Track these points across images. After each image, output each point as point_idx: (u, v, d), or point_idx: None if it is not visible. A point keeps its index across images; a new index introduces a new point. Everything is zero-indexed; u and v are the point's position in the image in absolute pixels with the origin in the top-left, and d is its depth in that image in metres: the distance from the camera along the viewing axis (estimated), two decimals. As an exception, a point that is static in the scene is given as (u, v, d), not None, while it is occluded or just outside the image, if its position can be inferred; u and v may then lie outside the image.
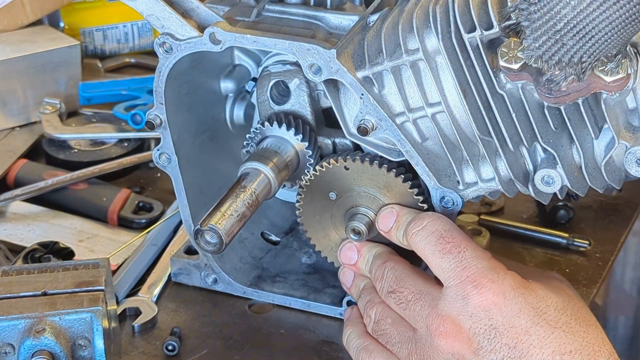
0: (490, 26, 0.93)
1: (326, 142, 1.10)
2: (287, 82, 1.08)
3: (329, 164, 1.06)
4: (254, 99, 1.13)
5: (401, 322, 0.97)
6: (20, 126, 1.46)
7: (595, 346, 0.92)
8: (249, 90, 1.13)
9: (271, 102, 1.09)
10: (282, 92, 1.10)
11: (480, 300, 0.92)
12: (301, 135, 1.07)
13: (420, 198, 1.04)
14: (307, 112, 1.09)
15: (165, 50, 1.03)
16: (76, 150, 1.40)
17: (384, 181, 1.05)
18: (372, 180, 1.05)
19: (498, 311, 0.92)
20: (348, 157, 1.05)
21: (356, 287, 1.06)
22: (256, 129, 1.09)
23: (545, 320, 0.92)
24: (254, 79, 1.13)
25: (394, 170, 1.04)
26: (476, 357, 0.92)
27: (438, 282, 0.96)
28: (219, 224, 0.98)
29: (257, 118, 1.14)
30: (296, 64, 1.07)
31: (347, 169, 1.05)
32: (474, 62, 0.95)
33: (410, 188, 1.04)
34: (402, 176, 1.04)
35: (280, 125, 1.07)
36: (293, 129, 1.07)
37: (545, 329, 0.91)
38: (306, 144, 1.07)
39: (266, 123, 1.08)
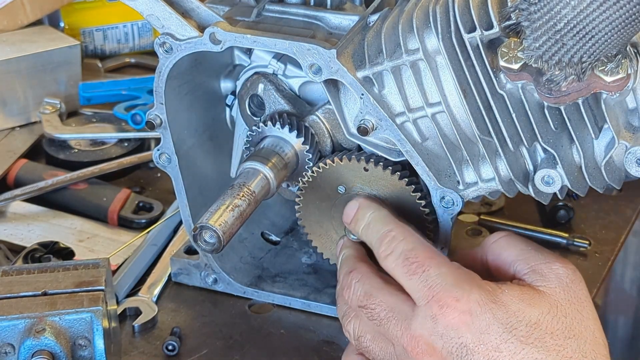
0: (490, 26, 0.93)
1: (313, 119, 1.09)
2: (257, 92, 1.08)
3: (327, 164, 1.06)
4: (234, 112, 1.13)
5: (380, 338, 0.96)
6: (20, 126, 1.46)
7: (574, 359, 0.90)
8: (229, 103, 1.14)
9: (254, 117, 1.10)
10: (257, 104, 1.10)
11: (447, 320, 0.90)
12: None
13: (418, 194, 1.04)
14: (283, 105, 1.08)
15: (165, 50, 1.03)
16: (76, 150, 1.40)
17: (384, 180, 1.05)
18: (372, 179, 1.05)
19: (467, 329, 0.90)
20: (353, 156, 1.05)
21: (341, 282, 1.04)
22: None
23: (516, 336, 0.89)
24: (233, 93, 1.13)
25: (390, 167, 1.04)
26: None
27: (408, 295, 0.94)
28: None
29: (240, 128, 1.14)
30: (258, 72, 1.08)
31: (367, 170, 1.05)
32: (474, 62, 0.95)
33: (407, 185, 1.04)
34: (399, 173, 1.04)
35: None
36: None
37: (515, 345, 0.89)
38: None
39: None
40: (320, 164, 1.06)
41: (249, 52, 1.11)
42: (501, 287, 0.92)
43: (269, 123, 1.08)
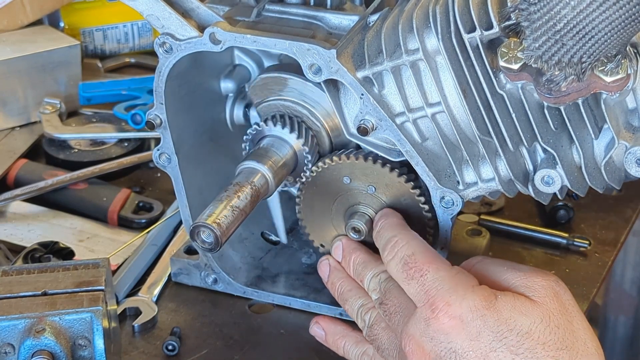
0: (490, 26, 0.93)
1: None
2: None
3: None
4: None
5: (390, 329, 0.98)
6: (20, 126, 1.46)
7: None
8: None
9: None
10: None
11: (438, 324, 0.90)
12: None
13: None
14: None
15: (165, 50, 1.03)
16: (76, 150, 1.40)
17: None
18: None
19: (457, 335, 0.90)
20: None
21: (334, 284, 1.06)
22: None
23: (506, 345, 0.89)
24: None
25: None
26: None
27: None
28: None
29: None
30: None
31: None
32: (474, 62, 0.95)
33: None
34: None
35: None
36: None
37: (504, 354, 0.89)
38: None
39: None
40: (320, 163, 1.06)
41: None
42: (496, 293, 0.92)
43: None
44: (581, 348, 0.91)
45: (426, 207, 1.05)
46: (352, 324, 1.05)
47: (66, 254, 1.18)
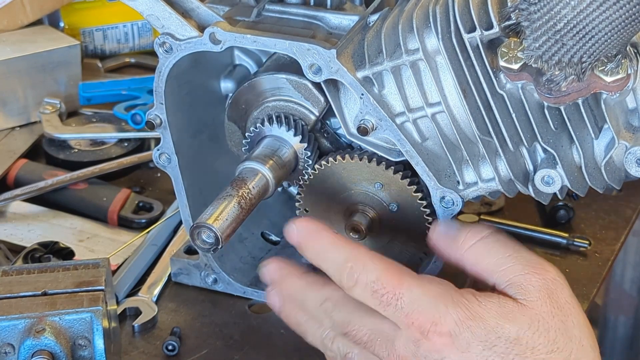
0: (490, 26, 0.93)
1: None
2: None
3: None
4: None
5: (367, 353, 0.94)
6: (20, 126, 1.46)
7: None
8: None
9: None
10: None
11: (430, 344, 0.89)
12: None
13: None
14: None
15: (165, 50, 1.03)
16: (76, 150, 1.40)
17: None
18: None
19: (449, 350, 0.89)
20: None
21: (288, 316, 0.99)
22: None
23: (496, 352, 0.89)
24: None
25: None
26: None
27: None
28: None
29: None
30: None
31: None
32: (474, 62, 0.95)
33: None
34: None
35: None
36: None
37: None
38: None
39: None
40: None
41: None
42: (479, 299, 0.90)
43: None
44: (575, 347, 0.90)
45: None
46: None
47: (66, 254, 1.18)
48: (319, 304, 0.96)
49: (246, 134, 1.09)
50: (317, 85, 1.05)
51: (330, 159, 1.06)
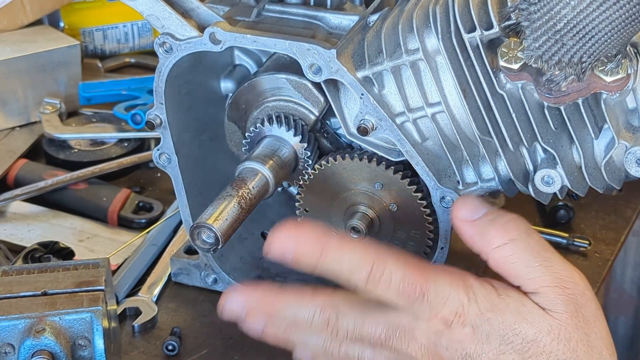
0: (490, 26, 0.93)
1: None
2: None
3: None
4: None
5: (382, 351, 0.93)
6: (20, 126, 1.46)
7: None
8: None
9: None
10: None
11: (452, 334, 0.90)
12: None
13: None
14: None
15: (165, 50, 1.03)
16: (76, 150, 1.40)
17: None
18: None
19: (469, 341, 0.90)
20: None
21: (276, 336, 0.94)
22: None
23: (513, 348, 0.89)
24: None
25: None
26: None
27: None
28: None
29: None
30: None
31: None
32: (474, 62, 0.95)
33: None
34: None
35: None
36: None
37: (513, 356, 0.89)
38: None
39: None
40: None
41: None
42: (499, 292, 0.91)
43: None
44: (595, 357, 0.90)
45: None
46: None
47: (66, 254, 1.18)
48: (315, 315, 0.93)
49: (246, 134, 1.09)
50: (317, 85, 1.05)
51: (330, 159, 1.06)
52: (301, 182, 1.08)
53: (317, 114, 1.07)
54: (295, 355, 0.96)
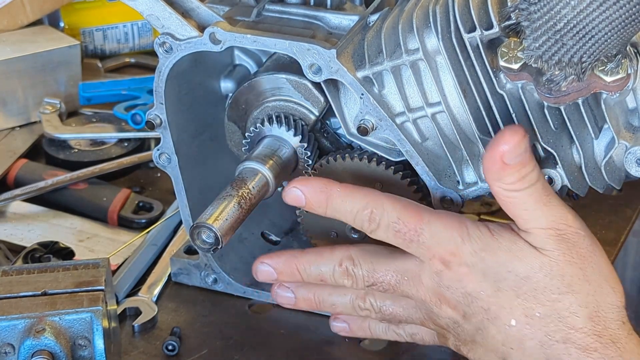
0: (490, 26, 0.93)
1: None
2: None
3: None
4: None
5: (399, 298, 1.00)
6: (20, 126, 1.46)
7: (570, 311, 0.92)
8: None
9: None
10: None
11: (450, 274, 0.95)
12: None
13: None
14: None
15: (165, 50, 1.03)
16: (76, 150, 1.40)
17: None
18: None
19: (468, 279, 0.94)
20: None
21: (307, 299, 1.06)
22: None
23: (508, 285, 0.93)
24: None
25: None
26: (466, 320, 0.96)
27: (404, 252, 0.98)
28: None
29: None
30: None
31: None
32: (474, 62, 0.95)
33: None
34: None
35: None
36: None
37: (509, 294, 0.93)
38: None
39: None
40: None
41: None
42: (492, 232, 0.95)
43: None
44: (593, 290, 0.93)
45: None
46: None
47: (66, 254, 1.18)
48: (335, 267, 1.01)
49: (246, 134, 1.09)
50: (317, 85, 1.05)
51: (330, 159, 1.06)
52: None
53: (317, 114, 1.07)
54: (332, 325, 1.07)
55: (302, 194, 1.00)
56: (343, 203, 0.99)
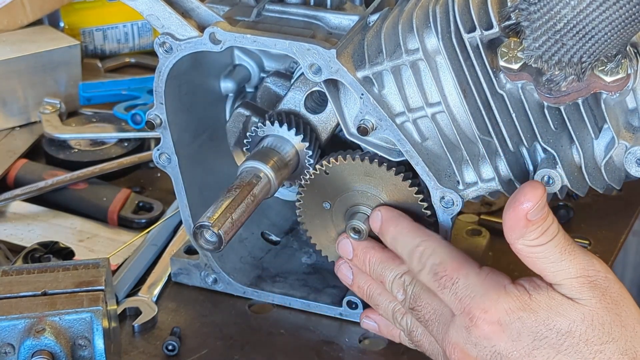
0: (490, 26, 0.93)
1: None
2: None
3: (329, 163, 1.06)
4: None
5: (428, 334, 1.00)
6: (20, 126, 1.46)
7: None
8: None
9: (314, 113, 1.09)
10: (317, 101, 1.10)
11: (479, 331, 0.92)
12: (301, 135, 1.07)
13: (420, 197, 1.04)
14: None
15: (165, 50, 1.03)
16: (76, 150, 1.40)
17: (384, 179, 1.05)
18: (373, 179, 1.05)
19: (498, 338, 0.92)
20: (348, 155, 1.05)
21: (361, 288, 1.07)
22: (256, 127, 1.09)
23: (548, 343, 0.91)
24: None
25: (388, 165, 1.04)
26: None
27: None
28: (218, 222, 0.98)
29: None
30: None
31: (368, 169, 1.05)
32: (474, 62, 0.95)
33: (411, 187, 1.04)
34: (397, 170, 1.04)
35: (280, 125, 1.07)
36: (293, 128, 1.07)
37: (548, 351, 0.90)
38: (306, 143, 1.07)
39: (267, 122, 1.08)
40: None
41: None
42: (530, 293, 0.92)
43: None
44: (629, 335, 0.92)
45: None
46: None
47: (66, 254, 1.18)
48: (397, 276, 1.02)
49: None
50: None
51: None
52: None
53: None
54: (363, 322, 1.10)
55: (380, 216, 1.04)
56: (405, 235, 1.01)
